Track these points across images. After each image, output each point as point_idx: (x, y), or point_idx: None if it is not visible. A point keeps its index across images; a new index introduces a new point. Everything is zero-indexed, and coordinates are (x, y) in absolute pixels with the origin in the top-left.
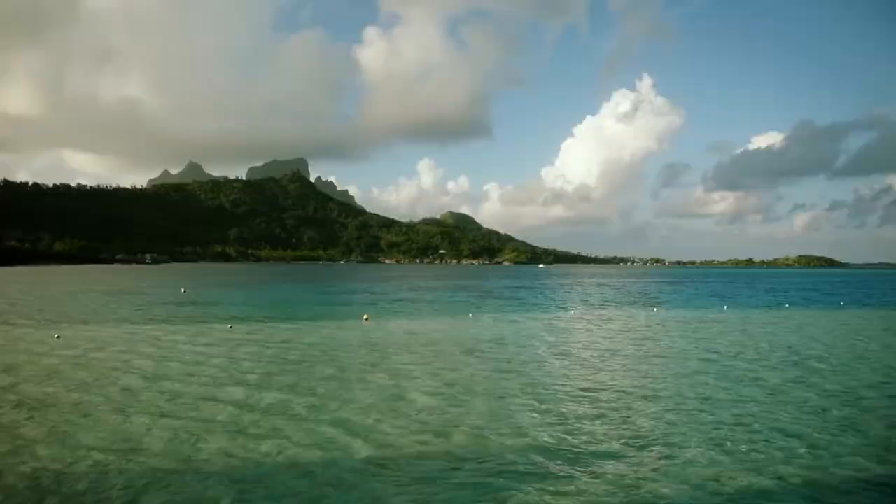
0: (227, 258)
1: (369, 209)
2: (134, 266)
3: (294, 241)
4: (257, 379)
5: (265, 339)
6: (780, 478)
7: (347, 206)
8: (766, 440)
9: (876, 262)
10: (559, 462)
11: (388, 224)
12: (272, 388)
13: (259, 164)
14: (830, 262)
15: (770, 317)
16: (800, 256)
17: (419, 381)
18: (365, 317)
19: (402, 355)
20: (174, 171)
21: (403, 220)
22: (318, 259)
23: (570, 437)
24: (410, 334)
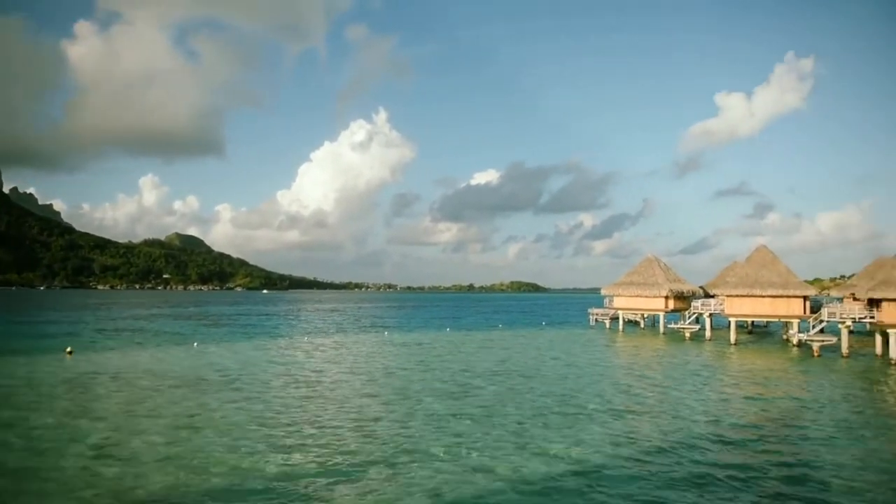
0: None
1: (79, 227)
2: None
3: None
4: None
5: None
6: (496, 479)
7: (51, 223)
8: (481, 448)
9: (570, 287)
10: (285, 492)
11: (102, 245)
12: None
13: None
14: (536, 287)
15: (486, 336)
16: (512, 282)
17: (133, 421)
18: (68, 350)
19: (113, 393)
20: None
21: (121, 240)
22: (10, 284)
23: (297, 467)
24: (124, 368)
